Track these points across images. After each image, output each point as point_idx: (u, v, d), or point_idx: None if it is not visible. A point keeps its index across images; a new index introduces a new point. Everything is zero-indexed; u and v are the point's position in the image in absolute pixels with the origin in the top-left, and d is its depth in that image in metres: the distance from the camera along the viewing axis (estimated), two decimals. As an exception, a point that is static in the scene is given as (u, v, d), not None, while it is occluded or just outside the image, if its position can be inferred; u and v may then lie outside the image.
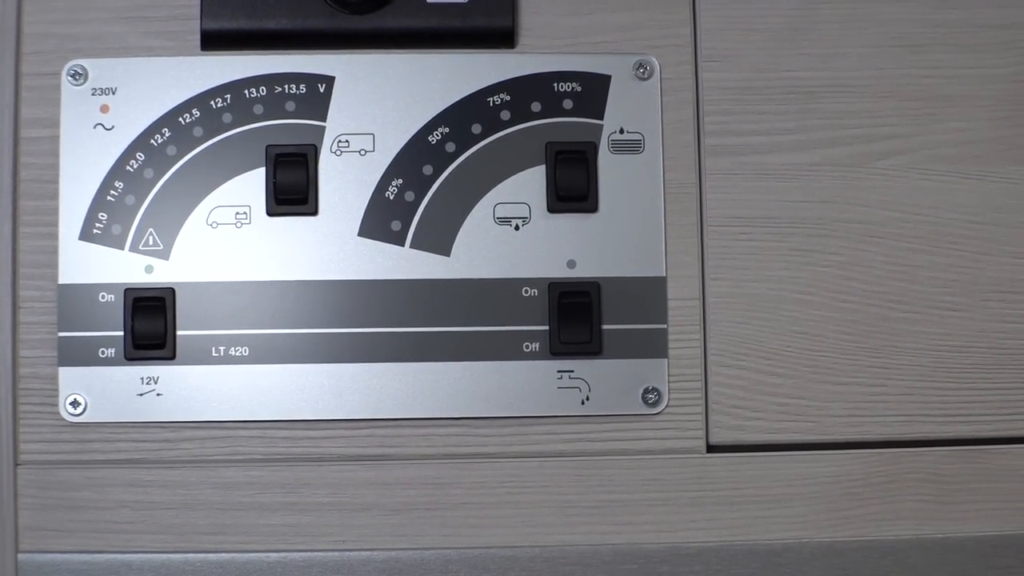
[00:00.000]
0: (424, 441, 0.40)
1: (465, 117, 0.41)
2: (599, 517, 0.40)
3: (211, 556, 0.39)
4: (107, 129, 0.39)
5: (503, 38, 0.41)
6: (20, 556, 0.39)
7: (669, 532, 0.40)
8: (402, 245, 0.40)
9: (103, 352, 0.39)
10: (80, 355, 0.39)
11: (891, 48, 0.43)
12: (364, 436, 0.40)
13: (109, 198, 0.39)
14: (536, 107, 0.41)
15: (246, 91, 0.40)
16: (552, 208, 0.41)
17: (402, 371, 0.40)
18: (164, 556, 0.39)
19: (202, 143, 0.40)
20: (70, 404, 0.39)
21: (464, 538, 0.40)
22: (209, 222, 0.39)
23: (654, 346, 0.41)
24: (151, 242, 0.40)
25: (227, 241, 0.40)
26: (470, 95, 0.41)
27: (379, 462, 0.40)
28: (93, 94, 0.40)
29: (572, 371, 0.40)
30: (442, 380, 0.40)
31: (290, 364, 0.40)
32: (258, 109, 0.40)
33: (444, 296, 0.40)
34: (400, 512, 0.40)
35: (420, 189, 0.40)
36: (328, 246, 0.40)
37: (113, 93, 0.40)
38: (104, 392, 0.39)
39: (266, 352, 0.39)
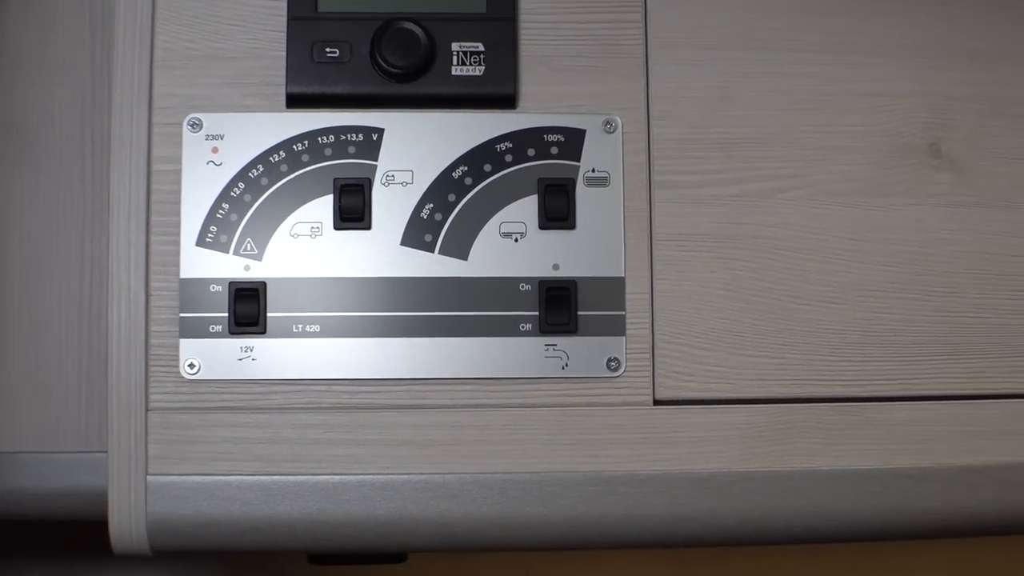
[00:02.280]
0: (447, 395, 0.46)
1: (479, 159, 0.46)
2: (574, 451, 0.46)
3: (290, 478, 0.45)
4: (216, 165, 0.45)
5: (507, 101, 0.47)
6: (149, 478, 0.44)
7: (626, 463, 0.46)
8: (432, 252, 0.46)
9: (212, 328, 0.45)
10: (195, 330, 0.45)
11: (793, 111, 0.48)
12: (404, 391, 0.45)
13: (218, 215, 0.45)
14: (531, 152, 0.47)
15: (319, 138, 0.46)
16: (542, 226, 0.46)
17: (432, 343, 0.46)
18: (255, 478, 0.45)
19: (286, 176, 0.46)
20: (188, 366, 0.45)
21: (476, 466, 0.45)
22: (292, 234, 0.45)
23: (615, 327, 0.46)
24: (249, 248, 0.45)
25: (305, 248, 0.45)
26: (483, 143, 0.47)
27: (414, 410, 0.45)
28: (206, 139, 0.45)
29: (555, 345, 0.46)
30: (462, 350, 0.46)
31: (350, 338, 0.45)
32: (328, 151, 0.46)
33: (463, 289, 0.46)
34: (429, 447, 0.45)
35: (446, 211, 0.46)
36: (378, 252, 0.46)
37: (221, 139, 0.46)
38: (213, 357, 0.45)
39: (333, 328, 0.45)
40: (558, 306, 0.46)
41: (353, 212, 0.45)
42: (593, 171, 0.47)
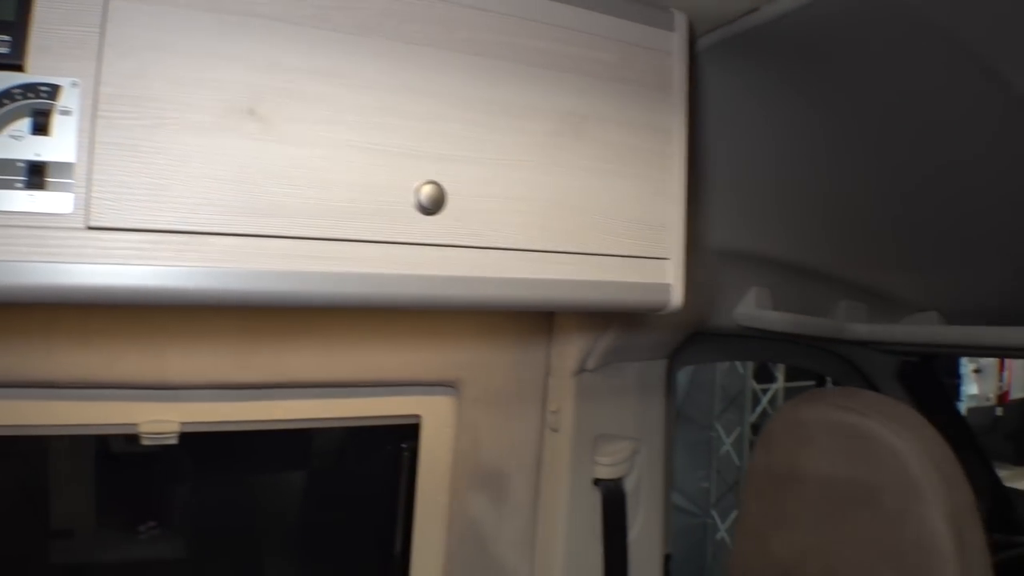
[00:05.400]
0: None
1: (2, 97, 0.78)
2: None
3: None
4: None
5: (19, 68, 0.74)
6: None
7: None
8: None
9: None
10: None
11: (173, 83, 0.76)
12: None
13: None
14: (31, 95, 0.74)
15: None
16: (32, 133, 0.72)
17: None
18: None
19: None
20: None
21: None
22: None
23: (68, 188, 0.73)
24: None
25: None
26: (5, 88, 0.78)
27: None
28: None
29: (34, 196, 0.72)
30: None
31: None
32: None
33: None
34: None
35: (-14, 123, 0.83)
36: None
37: None
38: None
39: None
40: (37, 175, 0.72)
41: None
42: (65, 108, 0.72)
